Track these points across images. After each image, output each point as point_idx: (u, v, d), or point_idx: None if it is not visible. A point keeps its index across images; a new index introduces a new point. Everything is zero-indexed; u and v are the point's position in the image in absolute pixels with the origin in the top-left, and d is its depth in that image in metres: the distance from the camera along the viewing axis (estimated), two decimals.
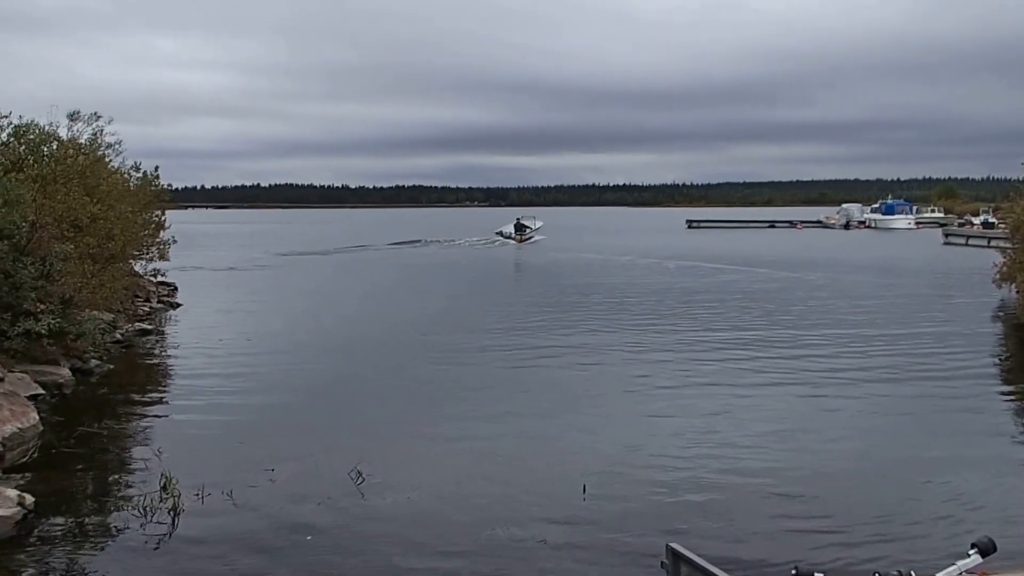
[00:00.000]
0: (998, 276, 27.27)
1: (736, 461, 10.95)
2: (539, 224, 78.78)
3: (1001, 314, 25.82)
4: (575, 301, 28.53)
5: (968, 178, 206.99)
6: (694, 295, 30.40)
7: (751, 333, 21.50)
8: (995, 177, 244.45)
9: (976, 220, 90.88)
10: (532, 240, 71.35)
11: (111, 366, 16.71)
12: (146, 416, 13.59)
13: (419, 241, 71.87)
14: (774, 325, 22.92)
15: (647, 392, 15.02)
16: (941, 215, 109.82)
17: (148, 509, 9.08)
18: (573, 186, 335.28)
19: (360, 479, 10.05)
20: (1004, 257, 27.06)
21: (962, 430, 12.65)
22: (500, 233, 75.51)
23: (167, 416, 13.51)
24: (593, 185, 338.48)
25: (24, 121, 16.43)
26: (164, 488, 9.47)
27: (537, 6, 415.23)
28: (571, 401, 14.37)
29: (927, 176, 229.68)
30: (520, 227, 74.63)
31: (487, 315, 25.02)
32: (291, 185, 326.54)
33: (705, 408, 13.70)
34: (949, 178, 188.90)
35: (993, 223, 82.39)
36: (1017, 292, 27.64)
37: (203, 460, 11.03)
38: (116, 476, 10.69)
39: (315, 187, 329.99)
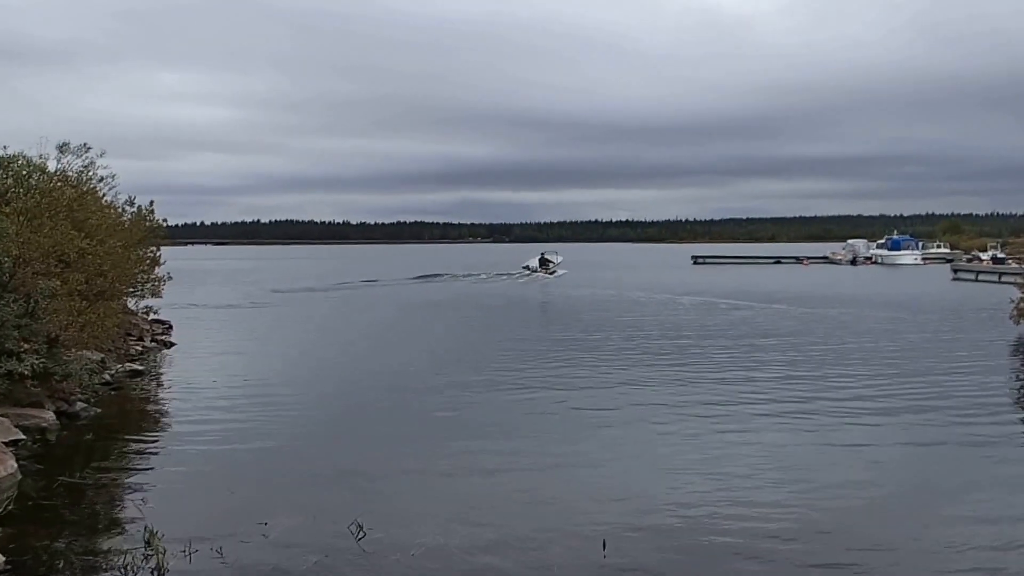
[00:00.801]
0: (1016, 312, 26.65)
1: (757, 510, 10.17)
2: (560, 259, 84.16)
3: (1021, 349, 25.09)
4: (596, 339, 27.73)
5: (972, 214, 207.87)
6: (715, 332, 29.61)
7: (776, 370, 20.82)
8: (999, 213, 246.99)
9: (984, 256, 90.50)
10: (559, 274, 74.39)
11: (99, 409, 15.87)
12: (133, 464, 12.79)
13: (443, 275, 73.53)
14: (799, 363, 22.13)
15: (671, 432, 14.30)
16: (947, 251, 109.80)
17: (129, 568, 8.30)
18: (576, 222, 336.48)
19: (361, 533, 9.23)
20: (1022, 292, 26.38)
21: (984, 465, 12.23)
22: (527, 267, 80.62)
23: (156, 464, 12.67)
24: (597, 221, 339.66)
25: (10, 152, 15.87)
26: (148, 544, 8.73)
27: (542, 40, 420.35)
28: (596, 445, 13.57)
29: (931, 212, 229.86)
30: (544, 262, 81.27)
31: (505, 353, 24.27)
32: (291, 221, 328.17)
33: (731, 451, 13.00)
34: (953, 214, 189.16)
35: (1003, 258, 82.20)
36: None
37: (192, 512, 10.27)
38: (97, 531, 9.88)
39: (316, 223, 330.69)
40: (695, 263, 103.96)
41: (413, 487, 11.47)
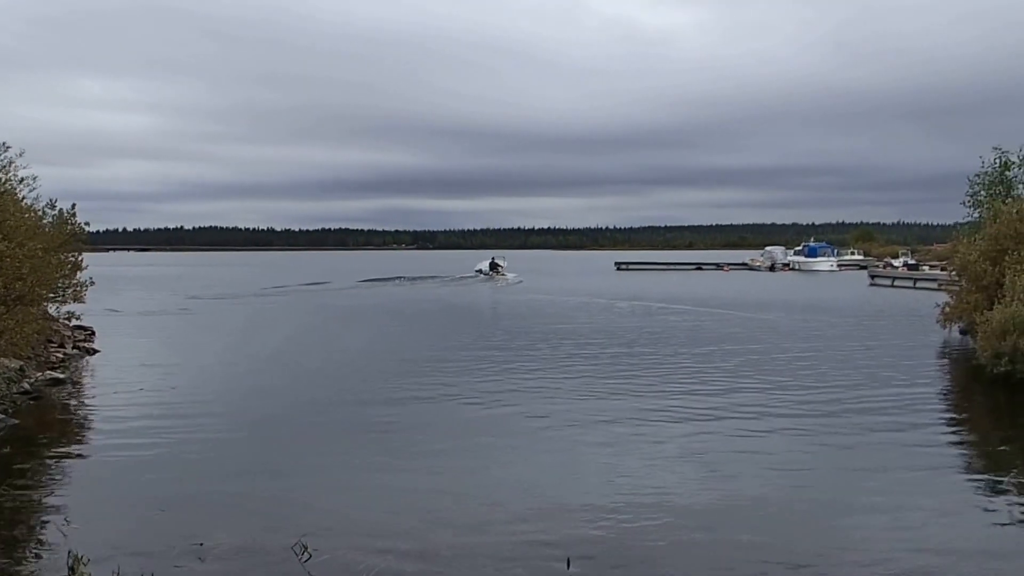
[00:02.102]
0: (942, 317, 27.29)
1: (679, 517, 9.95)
2: (506, 263, 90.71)
3: (947, 352, 25.87)
4: (546, 345, 27.30)
5: (880, 222, 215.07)
6: (659, 337, 29.69)
7: (725, 374, 20.90)
8: (905, 222, 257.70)
9: (897, 262, 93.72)
10: (511, 279, 77.91)
11: (17, 421, 14.84)
12: (55, 480, 11.92)
13: (395, 279, 77.09)
14: (747, 366, 22.29)
15: (623, 439, 13.89)
16: (861, 257, 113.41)
17: None
18: (499, 229, 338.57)
19: (305, 554, 8.59)
20: (951, 298, 27.02)
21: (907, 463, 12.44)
22: (479, 270, 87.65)
23: (80, 480, 11.84)
24: (519, 228, 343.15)
25: None
26: (72, 570, 7.95)
27: (464, 51, 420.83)
28: (548, 454, 13.17)
29: (841, 220, 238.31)
30: (494, 265, 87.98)
31: (448, 362, 23.62)
32: (216, 228, 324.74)
33: (686, 451, 12.77)
34: (863, 222, 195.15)
35: (916, 265, 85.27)
36: (963, 331, 27.74)
37: (119, 533, 9.50)
38: (14, 555, 8.99)
39: (240, 229, 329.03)
40: (618, 269, 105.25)
41: (356, 501, 10.89)
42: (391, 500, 10.86)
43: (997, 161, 29.91)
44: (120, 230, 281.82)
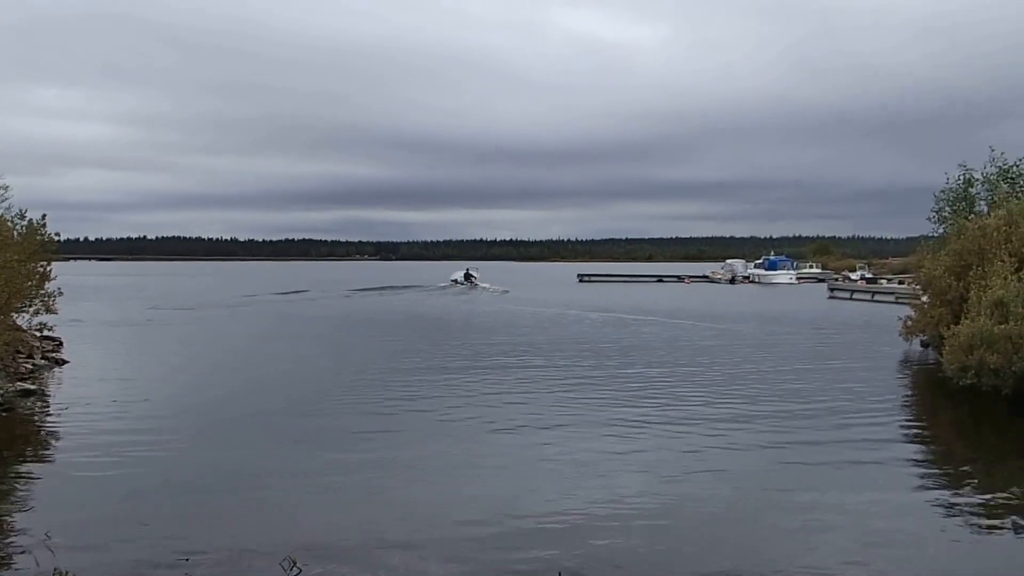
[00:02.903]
0: (904, 330, 27.85)
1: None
2: (479, 274, 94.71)
3: (911, 364, 26.51)
4: (541, 358, 27.28)
5: (835, 236, 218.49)
6: (643, 349, 30.08)
7: (709, 385, 21.30)
8: (859, 235, 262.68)
9: (854, 276, 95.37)
10: (503, 291, 78.09)
11: None
12: (34, 493, 11.67)
13: (382, 288, 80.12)
14: (733, 378, 22.73)
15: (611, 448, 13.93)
16: (819, 271, 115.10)
17: None
18: (462, 240, 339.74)
19: (295, 569, 8.41)
20: (914, 311, 27.59)
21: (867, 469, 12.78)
22: (455, 280, 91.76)
23: (59, 493, 11.60)
24: (481, 240, 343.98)
25: None
26: None
27: (426, 63, 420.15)
28: (540, 470, 13.14)
29: (798, 234, 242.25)
30: (468, 276, 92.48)
31: (431, 369, 23.83)
32: (178, 238, 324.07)
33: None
34: (819, 236, 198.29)
35: (874, 278, 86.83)
36: (924, 344, 28.37)
37: (105, 549, 9.31)
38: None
39: (203, 239, 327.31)
40: (580, 281, 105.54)
41: (342, 513, 10.83)
42: (379, 512, 10.84)
43: (961, 178, 30.66)
44: (82, 239, 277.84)
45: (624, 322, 42.55)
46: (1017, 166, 29.84)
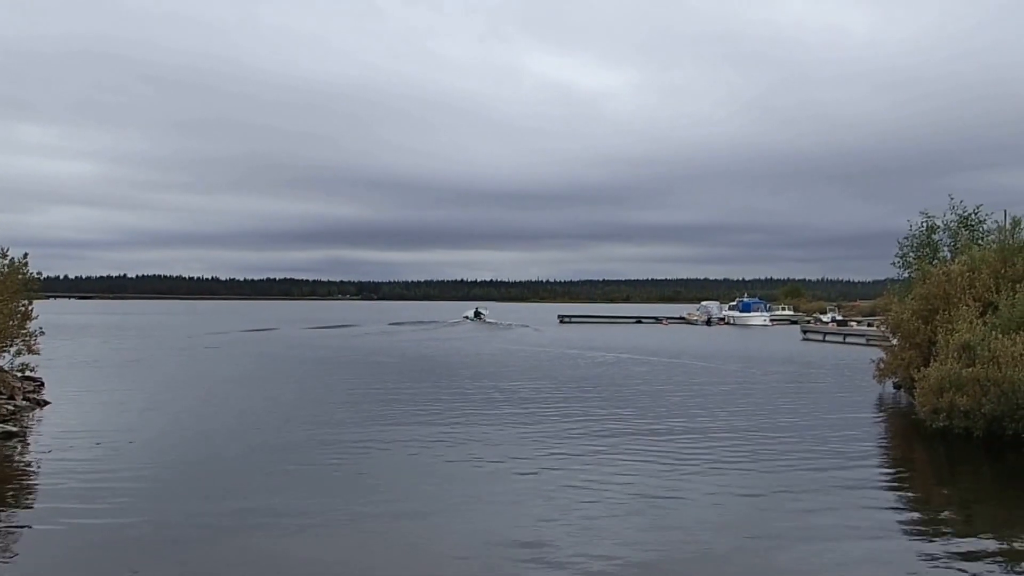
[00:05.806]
0: (878, 373, 28.32)
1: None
2: (487, 311, 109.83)
3: (884, 407, 26.94)
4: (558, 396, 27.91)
5: (805, 279, 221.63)
6: (650, 387, 31.32)
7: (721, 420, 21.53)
8: (828, 279, 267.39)
9: (825, 318, 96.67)
10: (509, 325, 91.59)
11: None
12: (12, 540, 11.44)
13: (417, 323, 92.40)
14: (735, 413, 23.69)
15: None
16: (791, 313, 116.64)
17: None
18: (443, 281, 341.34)
19: None
20: (886, 354, 28.11)
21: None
22: (467, 317, 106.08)
23: (48, 538, 11.48)
24: (462, 280, 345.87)
25: None
26: None
27: (406, 106, 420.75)
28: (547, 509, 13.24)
29: (770, 276, 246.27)
30: (478, 313, 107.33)
31: (437, 405, 24.57)
32: (159, 276, 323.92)
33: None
34: (789, 279, 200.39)
35: (844, 320, 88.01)
36: (896, 386, 28.88)
37: None
38: None
39: (184, 278, 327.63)
40: (561, 322, 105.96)
41: (330, 552, 10.89)
42: (371, 551, 10.97)
43: (924, 225, 31.62)
44: (61, 277, 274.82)
45: (620, 360, 44.37)
46: (976, 213, 30.96)
